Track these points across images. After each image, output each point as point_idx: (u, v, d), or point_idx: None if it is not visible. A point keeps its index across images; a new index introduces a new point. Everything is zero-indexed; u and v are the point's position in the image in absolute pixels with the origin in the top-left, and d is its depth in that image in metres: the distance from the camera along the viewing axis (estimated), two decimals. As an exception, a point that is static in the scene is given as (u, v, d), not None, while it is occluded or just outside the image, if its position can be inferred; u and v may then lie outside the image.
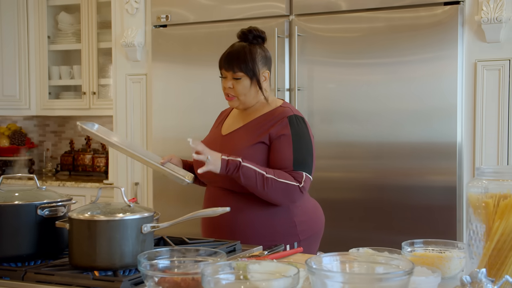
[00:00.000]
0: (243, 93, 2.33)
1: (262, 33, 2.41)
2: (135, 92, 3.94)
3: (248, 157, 2.24)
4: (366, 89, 3.26)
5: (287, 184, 2.20)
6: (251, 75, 2.31)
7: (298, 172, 2.23)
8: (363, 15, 3.28)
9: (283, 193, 2.21)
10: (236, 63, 2.31)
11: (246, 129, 2.37)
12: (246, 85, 2.32)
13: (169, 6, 3.75)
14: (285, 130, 2.26)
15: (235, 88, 2.33)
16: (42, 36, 4.73)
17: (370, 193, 3.24)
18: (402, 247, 1.68)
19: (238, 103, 2.37)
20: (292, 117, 2.30)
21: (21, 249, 1.70)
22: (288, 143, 2.25)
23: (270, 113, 2.35)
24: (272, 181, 2.19)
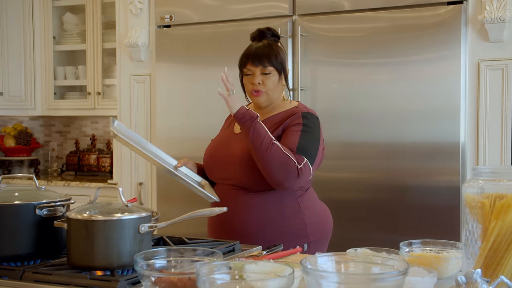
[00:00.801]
0: (272, 88, 2.36)
1: (277, 32, 2.48)
2: (139, 92, 3.95)
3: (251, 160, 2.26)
4: (370, 89, 3.25)
5: (288, 158, 2.19)
6: (280, 70, 2.36)
7: (301, 156, 2.23)
8: (366, 15, 3.27)
9: (281, 165, 2.19)
10: (267, 58, 2.35)
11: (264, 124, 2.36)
12: (275, 80, 2.36)
13: (173, 6, 3.76)
14: (297, 121, 2.30)
15: (265, 83, 2.36)
16: (48, 36, 4.75)
17: (374, 193, 3.24)
18: (400, 248, 1.68)
19: (265, 99, 2.38)
20: (306, 113, 2.35)
21: (20, 248, 1.71)
22: (297, 131, 2.28)
23: (286, 112, 2.38)
24: (276, 148, 2.19)
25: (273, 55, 2.35)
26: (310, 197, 2.42)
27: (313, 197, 2.46)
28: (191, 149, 3.70)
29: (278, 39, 2.45)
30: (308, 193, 2.41)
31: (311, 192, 2.44)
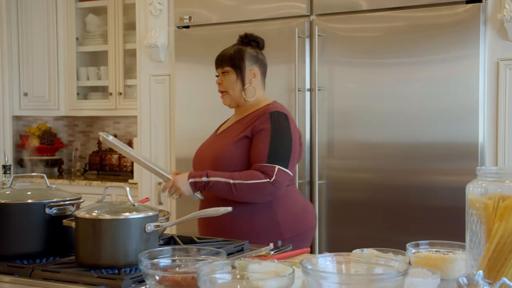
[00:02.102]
0: (230, 87, 2.49)
1: (258, 38, 2.60)
2: (158, 92, 3.98)
3: (232, 152, 2.38)
4: (387, 89, 3.24)
5: (256, 184, 2.28)
6: (237, 69, 2.47)
7: (271, 165, 2.30)
8: (383, 14, 3.26)
9: (254, 192, 2.30)
10: (224, 59, 2.50)
11: (235, 126, 2.50)
12: (233, 79, 2.48)
13: (192, 7, 3.79)
14: (264, 125, 2.37)
15: (223, 82, 2.51)
16: (71, 38, 4.82)
17: (390, 194, 3.22)
18: (406, 249, 1.67)
19: (228, 99, 2.52)
20: (274, 113, 2.40)
21: (30, 246, 1.74)
22: (266, 136, 2.34)
23: (256, 112, 2.46)
24: (239, 185, 2.29)
25: (230, 56, 2.49)
26: (287, 194, 2.43)
27: (291, 194, 2.46)
28: (210, 149, 3.72)
29: (257, 44, 2.58)
30: (284, 191, 2.42)
31: (289, 190, 2.45)
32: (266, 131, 2.35)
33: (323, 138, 3.38)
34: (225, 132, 2.54)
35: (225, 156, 2.39)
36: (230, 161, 2.39)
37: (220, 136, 2.53)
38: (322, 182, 3.37)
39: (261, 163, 2.31)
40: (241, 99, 2.50)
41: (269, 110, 2.41)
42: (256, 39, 2.58)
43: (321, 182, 3.37)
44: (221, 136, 2.54)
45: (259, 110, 2.45)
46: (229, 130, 2.52)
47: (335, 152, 3.35)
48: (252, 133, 2.38)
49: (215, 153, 2.44)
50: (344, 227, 3.33)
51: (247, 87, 2.49)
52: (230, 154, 2.37)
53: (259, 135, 2.36)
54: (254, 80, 2.51)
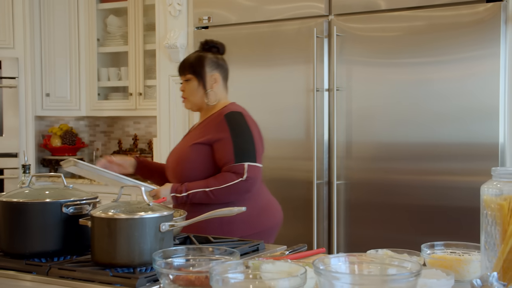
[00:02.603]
0: (191, 94, 2.59)
1: (218, 44, 2.72)
2: (177, 93, 3.99)
3: (190, 156, 2.49)
4: (406, 89, 3.22)
5: (230, 186, 2.40)
6: (198, 76, 2.57)
7: (239, 164, 2.42)
8: (402, 14, 3.24)
9: (230, 194, 2.42)
10: (185, 67, 2.61)
11: (196, 130, 2.62)
12: (194, 86, 2.58)
13: (211, 7, 3.80)
14: (223, 132, 2.47)
15: (185, 90, 2.61)
16: (92, 39, 4.87)
17: (409, 194, 3.20)
18: (421, 249, 1.66)
19: (189, 105, 2.64)
20: (228, 114, 2.51)
21: (47, 245, 1.76)
22: (228, 141, 2.45)
23: (212, 115, 2.58)
24: (215, 191, 2.41)
25: (190, 63, 2.60)
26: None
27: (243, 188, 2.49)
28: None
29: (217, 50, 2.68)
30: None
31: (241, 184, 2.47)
32: (226, 137, 2.45)
33: (341, 139, 3.37)
34: (189, 135, 2.66)
35: (183, 160, 2.52)
36: (188, 165, 2.50)
37: (185, 139, 2.65)
38: (340, 182, 3.36)
39: (230, 164, 2.42)
40: (202, 103, 2.60)
41: (223, 113, 2.52)
42: (216, 45, 2.68)
43: (339, 182, 3.36)
44: (186, 139, 2.65)
45: (215, 114, 2.56)
46: (192, 133, 2.64)
47: (354, 153, 3.34)
48: (210, 141, 2.48)
49: (176, 156, 2.58)
50: (362, 228, 3.32)
51: (209, 91, 2.58)
52: (187, 158, 2.50)
53: (221, 142, 2.46)
54: (215, 85, 2.61)
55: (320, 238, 3.40)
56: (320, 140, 3.41)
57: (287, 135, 3.53)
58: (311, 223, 3.41)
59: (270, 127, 3.59)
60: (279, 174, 3.56)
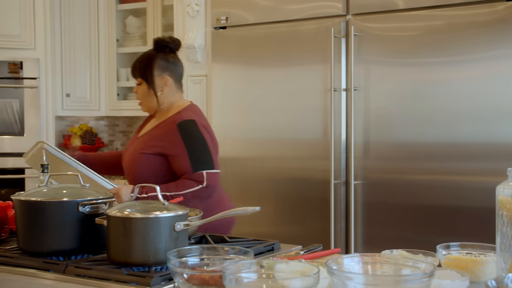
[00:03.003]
0: (143, 97, 2.59)
1: (170, 43, 2.63)
2: (196, 92, 4.02)
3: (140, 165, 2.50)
4: (424, 89, 3.20)
5: (191, 192, 2.43)
6: (147, 80, 2.56)
7: (198, 173, 2.44)
8: (421, 13, 3.22)
9: (191, 199, 2.41)
10: (136, 70, 2.60)
11: (149, 133, 2.60)
12: (145, 89, 2.58)
13: (229, 7, 3.81)
14: (176, 143, 2.46)
15: (138, 92, 2.63)
16: (111, 39, 4.91)
17: (427, 194, 3.18)
18: (436, 250, 1.65)
19: (145, 108, 2.65)
20: (181, 124, 2.49)
21: (64, 244, 1.78)
22: (183, 153, 2.45)
23: (167, 120, 2.56)
24: (175, 196, 2.39)
25: (139, 67, 2.58)
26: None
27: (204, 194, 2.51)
28: (246, 149, 3.74)
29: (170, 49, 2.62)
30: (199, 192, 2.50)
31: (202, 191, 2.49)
32: (180, 148, 2.45)
33: (359, 139, 3.36)
34: (144, 136, 2.63)
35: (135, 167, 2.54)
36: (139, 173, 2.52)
37: (140, 140, 2.62)
38: (357, 182, 3.35)
39: (188, 174, 2.44)
40: (154, 106, 2.61)
41: (176, 120, 2.50)
42: (169, 44, 2.62)
43: (357, 182, 3.35)
44: (140, 140, 2.63)
45: (168, 121, 2.54)
46: (145, 136, 2.62)
47: (371, 153, 3.33)
48: (163, 153, 2.49)
49: (128, 160, 2.59)
50: (380, 228, 3.31)
51: (159, 95, 2.57)
52: (138, 166, 2.52)
53: (176, 154, 2.46)
54: (166, 88, 2.59)
55: (338, 238, 3.40)
56: (337, 140, 3.40)
57: (305, 135, 3.53)
58: (328, 223, 3.40)
59: (288, 127, 3.59)
60: (296, 174, 3.56)
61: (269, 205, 3.65)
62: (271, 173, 3.65)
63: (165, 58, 2.61)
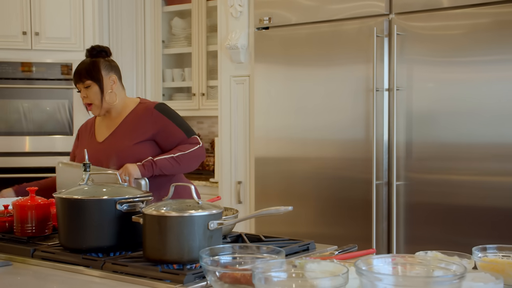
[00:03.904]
0: (96, 98, 2.68)
1: (104, 48, 2.78)
2: (238, 93, 4.05)
3: (136, 153, 2.62)
4: (468, 89, 3.14)
5: (193, 151, 2.66)
6: (97, 81, 2.67)
7: (192, 137, 2.71)
8: (466, 11, 3.16)
9: (194, 159, 2.67)
10: (83, 74, 2.68)
11: (121, 131, 2.70)
12: (96, 90, 2.67)
13: (271, 8, 3.82)
14: (161, 121, 2.67)
15: (88, 96, 2.69)
16: (157, 40, 4.99)
17: (471, 196, 3.12)
18: (472, 252, 1.62)
19: (96, 109, 2.71)
20: (158, 106, 2.72)
21: (103, 241, 1.83)
22: (172, 126, 2.67)
23: (135, 111, 2.72)
24: (182, 156, 2.63)
25: (86, 69, 2.67)
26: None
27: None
28: (289, 149, 3.75)
29: (106, 54, 2.75)
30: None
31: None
32: (168, 124, 2.67)
33: (401, 139, 3.32)
34: (112, 138, 2.72)
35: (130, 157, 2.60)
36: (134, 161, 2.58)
37: (108, 143, 2.71)
38: (400, 183, 3.32)
39: (184, 140, 2.67)
40: (110, 105, 2.71)
41: (150, 106, 2.70)
42: (104, 49, 2.76)
43: (399, 183, 3.32)
44: (109, 142, 2.71)
45: (139, 110, 2.71)
46: (116, 135, 2.71)
47: (414, 153, 3.29)
48: (153, 135, 2.66)
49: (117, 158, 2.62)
50: (422, 229, 3.27)
51: (109, 93, 2.69)
52: (135, 157, 2.60)
53: (167, 130, 2.66)
54: (114, 86, 2.73)
55: (379, 239, 3.37)
56: (379, 140, 3.38)
57: (347, 135, 3.51)
58: (370, 224, 3.38)
59: (330, 127, 3.58)
60: (338, 174, 3.55)
61: (311, 206, 3.65)
62: (313, 173, 3.65)
63: (107, 61, 2.75)
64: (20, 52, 4.70)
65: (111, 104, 2.72)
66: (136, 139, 2.65)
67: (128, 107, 2.76)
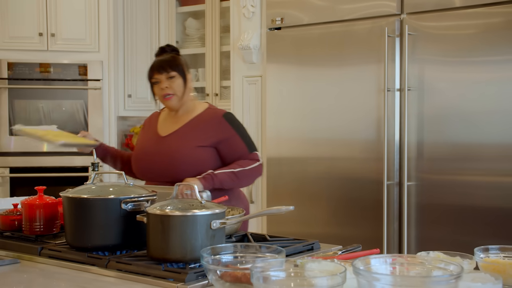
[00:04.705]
0: (179, 89, 2.66)
1: (176, 48, 2.80)
2: (251, 93, 4.06)
3: (195, 156, 2.60)
4: (481, 89, 3.12)
5: (253, 168, 2.64)
6: (182, 73, 2.67)
7: (253, 153, 2.68)
8: (478, 10, 3.15)
9: (251, 176, 2.67)
10: (168, 65, 2.66)
11: (185, 130, 2.68)
12: (180, 82, 2.66)
13: (284, 8, 3.83)
14: (228, 131, 2.65)
15: (172, 86, 2.66)
16: (171, 41, 5.01)
17: (483, 196, 3.10)
18: (474, 253, 1.62)
19: (176, 101, 2.67)
20: (226, 115, 2.70)
21: (108, 239, 1.85)
22: (236, 138, 2.66)
23: (203, 115, 2.70)
24: (242, 172, 2.61)
25: (173, 62, 2.67)
26: None
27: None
28: (300, 149, 3.75)
29: (177, 53, 2.75)
30: None
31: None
32: (234, 135, 2.65)
33: (413, 139, 3.31)
34: (175, 135, 2.68)
35: (186, 162, 2.59)
36: (191, 167, 2.59)
37: (170, 139, 2.68)
38: (411, 183, 3.31)
39: (245, 155, 2.65)
40: (185, 100, 2.70)
41: (219, 114, 2.70)
42: (176, 49, 2.78)
43: (410, 183, 3.31)
44: (171, 139, 2.68)
45: (206, 115, 2.69)
46: (179, 134, 2.68)
47: (425, 153, 3.28)
48: (215, 143, 2.63)
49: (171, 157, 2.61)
50: (433, 230, 3.25)
51: (189, 88, 2.71)
52: (192, 160, 2.59)
53: (231, 141, 2.64)
54: (191, 84, 2.74)
55: (390, 240, 3.36)
56: (391, 140, 3.37)
57: (358, 135, 3.51)
58: (381, 225, 3.37)
59: (341, 127, 3.58)
60: (349, 174, 3.54)
61: (322, 206, 3.65)
62: (324, 173, 3.65)
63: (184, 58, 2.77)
64: (37, 53, 4.76)
65: (187, 100, 2.71)
66: (199, 143, 2.63)
67: (196, 109, 2.73)
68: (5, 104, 4.74)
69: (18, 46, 4.73)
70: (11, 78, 4.72)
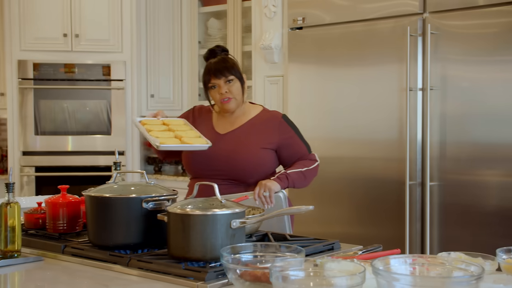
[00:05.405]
0: (238, 93, 2.64)
1: (226, 48, 2.74)
2: (272, 93, 4.07)
3: (258, 157, 2.60)
4: (504, 88, 3.09)
5: (314, 168, 2.68)
6: (239, 77, 2.65)
7: (312, 154, 2.72)
8: (502, 9, 3.11)
9: (314, 175, 2.69)
10: (226, 69, 2.62)
11: (244, 130, 2.67)
12: (238, 85, 2.65)
13: (305, 8, 3.83)
14: (288, 132, 2.67)
15: (231, 91, 2.63)
16: (194, 41, 5.04)
17: (506, 197, 3.07)
18: (496, 254, 1.60)
19: (234, 104, 2.65)
20: (284, 116, 2.71)
21: (129, 238, 1.87)
22: (297, 139, 2.69)
23: (261, 117, 2.70)
24: (308, 172, 2.65)
25: (230, 66, 2.63)
26: None
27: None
28: (322, 149, 3.74)
29: (226, 54, 2.71)
30: None
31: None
32: (293, 136, 2.68)
33: (435, 139, 3.29)
34: (234, 134, 2.67)
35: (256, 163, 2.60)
36: (260, 168, 2.60)
37: (231, 138, 2.66)
38: (433, 183, 3.28)
39: (305, 156, 2.67)
40: (242, 103, 2.69)
41: (277, 115, 2.71)
42: (225, 49, 2.74)
43: (433, 183, 3.28)
44: (231, 137, 2.66)
45: (264, 116, 2.69)
46: (239, 133, 2.66)
47: (448, 153, 3.25)
48: (277, 145, 2.64)
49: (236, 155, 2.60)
50: (456, 230, 3.22)
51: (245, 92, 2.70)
52: (259, 161, 2.60)
53: (292, 142, 2.66)
54: (246, 86, 2.71)
55: (413, 240, 3.34)
56: (413, 140, 3.35)
57: (380, 135, 3.49)
58: (403, 225, 3.35)
59: (363, 127, 3.57)
60: (371, 174, 3.53)
61: (344, 205, 3.64)
62: (346, 173, 3.64)
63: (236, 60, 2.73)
64: (61, 54, 4.82)
65: (243, 102, 2.71)
66: (262, 145, 2.62)
67: (252, 110, 2.72)
68: (31, 104, 4.80)
69: (43, 47, 4.80)
70: (37, 78, 4.79)
